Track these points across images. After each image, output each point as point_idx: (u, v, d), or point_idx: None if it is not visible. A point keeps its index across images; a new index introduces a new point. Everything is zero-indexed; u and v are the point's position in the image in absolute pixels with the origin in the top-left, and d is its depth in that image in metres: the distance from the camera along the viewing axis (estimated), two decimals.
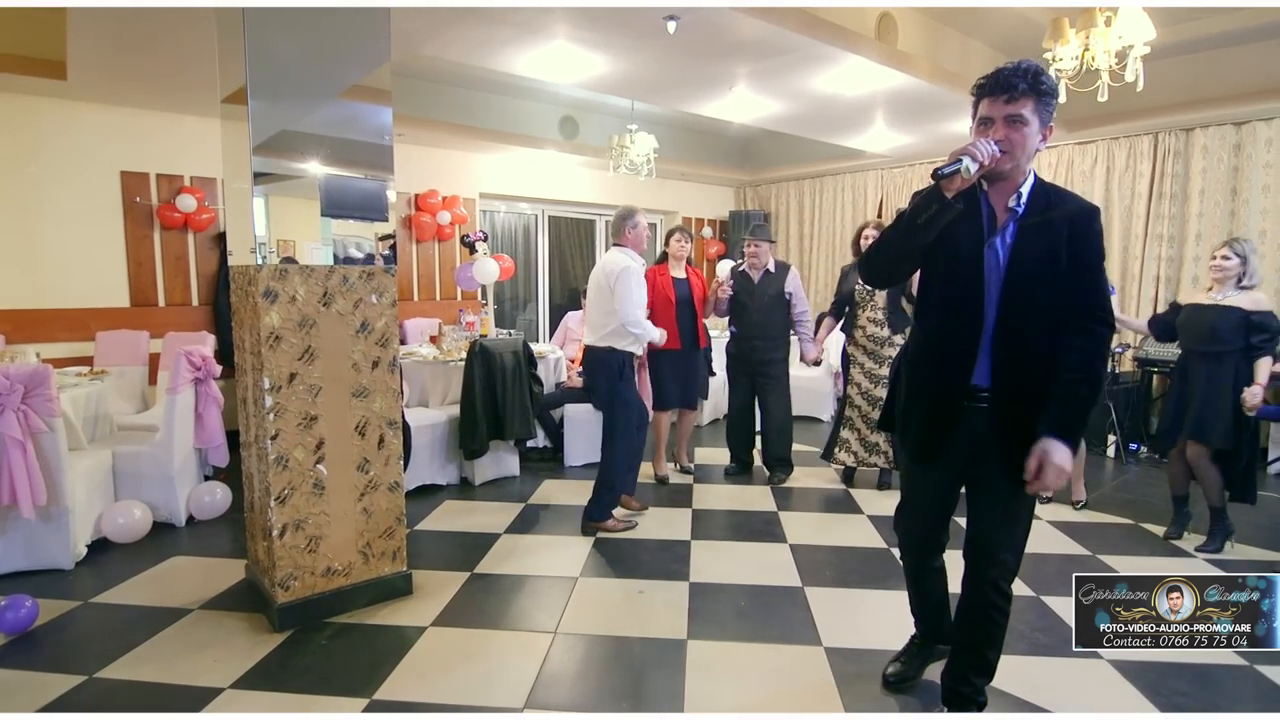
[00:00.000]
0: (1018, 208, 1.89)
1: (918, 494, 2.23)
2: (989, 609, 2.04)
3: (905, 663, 2.45)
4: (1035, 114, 1.82)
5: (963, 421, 1.98)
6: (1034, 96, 1.81)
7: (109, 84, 4.80)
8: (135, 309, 5.42)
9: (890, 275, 2.16)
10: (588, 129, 7.31)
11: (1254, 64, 5.35)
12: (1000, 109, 1.83)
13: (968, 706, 2.12)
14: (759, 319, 4.72)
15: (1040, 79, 1.81)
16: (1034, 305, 1.86)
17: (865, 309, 4.51)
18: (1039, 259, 1.84)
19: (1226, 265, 3.60)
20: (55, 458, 3.20)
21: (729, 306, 4.81)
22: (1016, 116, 1.81)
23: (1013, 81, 1.80)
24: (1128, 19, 3.48)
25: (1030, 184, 1.90)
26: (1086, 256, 1.84)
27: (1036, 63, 1.84)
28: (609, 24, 3.94)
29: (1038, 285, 1.85)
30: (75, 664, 2.52)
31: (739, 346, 4.83)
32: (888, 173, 8.03)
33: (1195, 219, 5.86)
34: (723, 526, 3.99)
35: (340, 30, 2.79)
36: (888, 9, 4.63)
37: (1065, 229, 1.84)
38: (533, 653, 2.62)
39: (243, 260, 2.81)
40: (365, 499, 2.95)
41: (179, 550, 3.58)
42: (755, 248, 4.76)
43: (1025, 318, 1.87)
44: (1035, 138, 1.84)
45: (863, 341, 4.53)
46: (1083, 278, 1.85)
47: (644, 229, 3.94)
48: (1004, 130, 1.83)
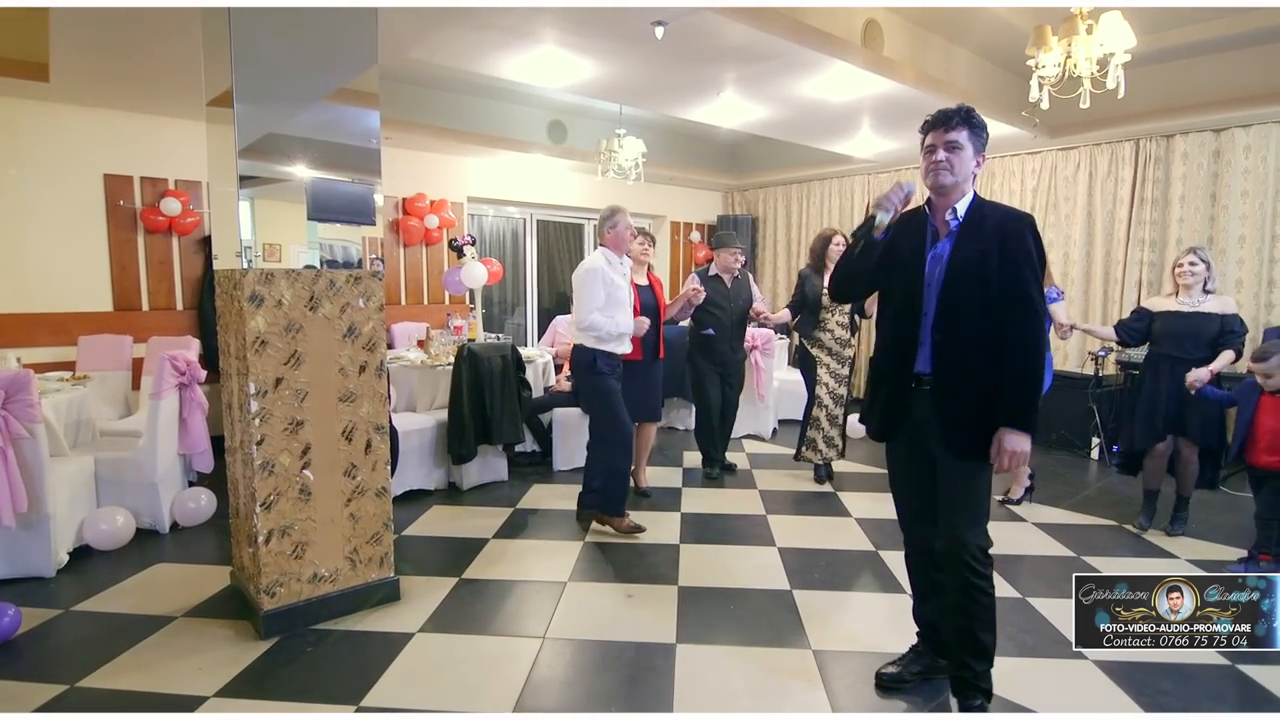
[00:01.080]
0: (954, 221, 2.22)
1: (893, 469, 2.47)
2: (966, 587, 2.18)
3: (902, 666, 2.48)
4: (969, 141, 2.20)
5: (911, 404, 2.27)
6: (967, 127, 2.20)
7: (92, 86, 4.76)
8: (118, 313, 5.36)
9: (848, 293, 2.63)
10: (576, 133, 7.32)
11: (1232, 72, 5.44)
12: (940, 137, 2.21)
13: (972, 693, 2.22)
14: (734, 322, 5.00)
15: (971, 115, 2.21)
16: (968, 298, 2.16)
17: (833, 314, 4.78)
18: (972, 260, 2.16)
19: (1195, 270, 3.83)
20: (36, 464, 3.16)
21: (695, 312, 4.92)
22: (954, 142, 2.19)
23: (949, 116, 2.21)
24: (1109, 27, 3.53)
25: (968, 201, 2.23)
26: (1013, 255, 2.13)
27: (969, 106, 2.24)
28: (597, 29, 3.95)
29: (971, 282, 2.15)
30: (57, 673, 2.49)
31: (716, 349, 4.96)
32: (874, 178, 8.09)
33: (1176, 224, 5.94)
34: (711, 530, 4.00)
35: (327, 33, 2.78)
36: (873, 16, 4.67)
37: (995, 233, 2.15)
38: (521, 658, 2.61)
39: (228, 264, 2.79)
40: (352, 504, 2.93)
41: (162, 557, 3.54)
42: (733, 255, 4.98)
43: (960, 309, 2.17)
44: (970, 161, 2.20)
45: (829, 343, 4.80)
46: (1010, 270, 2.12)
47: (624, 230, 3.92)
48: (944, 153, 2.19)
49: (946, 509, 2.22)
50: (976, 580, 2.16)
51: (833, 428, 4.85)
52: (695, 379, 5.10)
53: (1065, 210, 6.53)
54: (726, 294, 4.96)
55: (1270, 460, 3.35)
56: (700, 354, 5.01)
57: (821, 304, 4.78)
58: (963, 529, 2.17)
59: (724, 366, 5.00)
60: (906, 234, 2.29)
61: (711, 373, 5.00)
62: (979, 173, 2.25)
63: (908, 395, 2.27)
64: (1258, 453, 3.39)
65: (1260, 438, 3.38)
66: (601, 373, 3.79)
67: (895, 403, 2.32)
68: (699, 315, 4.95)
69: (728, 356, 4.99)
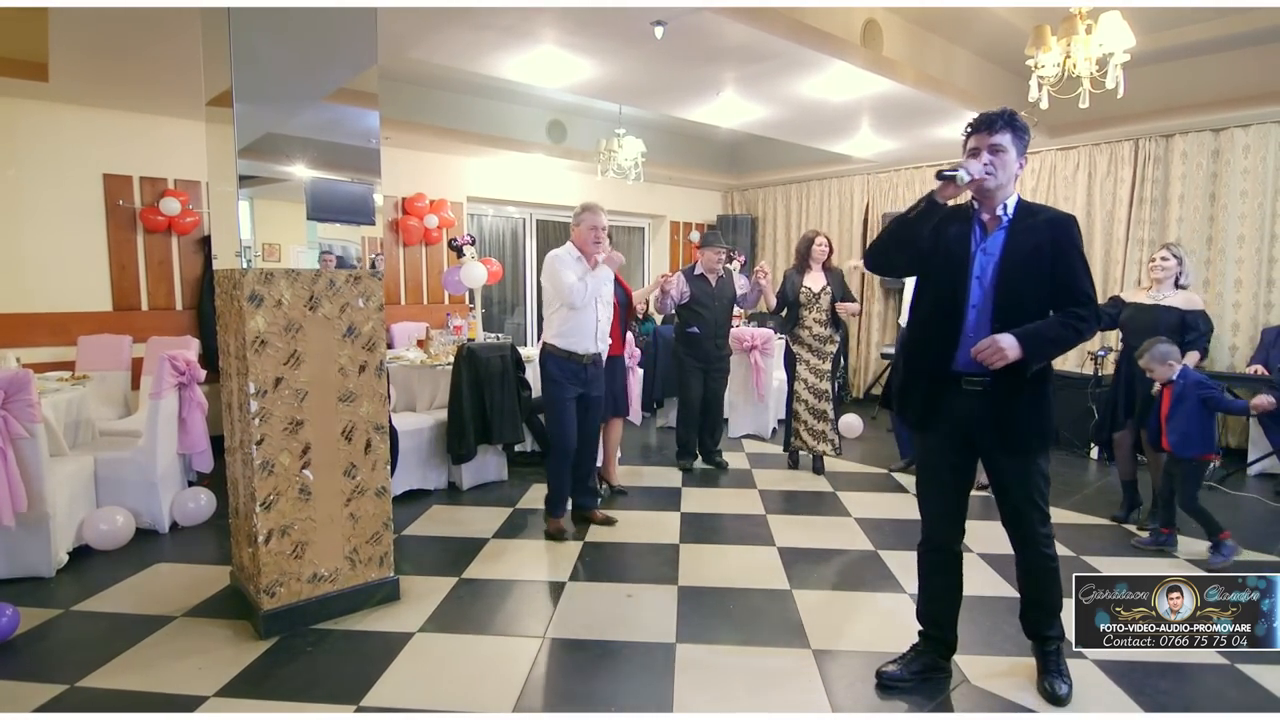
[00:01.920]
0: (1004, 216, 2.27)
1: (926, 461, 2.46)
2: (1038, 563, 2.34)
3: (902, 666, 2.48)
4: (1012, 144, 2.24)
5: (954, 401, 2.29)
6: (1010, 130, 2.24)
7: (91, 86, 4.76)
8: (118, 313, 5.36)
9: (887, 263, 2.50)
10: (576, 133, 7.32)
11: (1231, 72, 5.44)
12: (985, 140, 2.24)
13: (1048, 644, 2.39)
14: (719, 319, 5.09)
15: (1014, 119, 2.25)
16: (1022, 294, 2.22)
17: (811, 310, 4.97)
18: (1028, 255, 2.21)
19: (1166, 265, 3.95)
20: (36, 464, 3.16)
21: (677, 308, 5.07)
22: (997, 145, 2.23)
23: (992, 120, 2.25)
24: (1108, 27, 3.53)
25: (1014, 200, 2.30)
26: (1070, 253, 2.21)
27: (1012, 109, 2.28)
28: (596, 29, 3.95)
29: (1026, 277, 2.22)
30: (56, 673, 2.49)
31: (701, 345, 5.04)
32: (873, 177, 8.09)
33: (1175, 224, 5.94)
34: (711, 530, 4.00)
35: (327, 33, 2.78)
36: (873, 16, 4.67)
37: (1048, 230, 2.23)
38: (521, 658, 2.61)
39: (228, 264, 2.79)
40: (352, 504, 2.93)
41: (162, 557, 3.54)
42: (717, 254, 5.06)
43: (1014, 305, 2.21)
44: (1014, 164, 2.25)
45: (809, 340, 5.00)
46: (1065, 270, 2.21)
47: (587, 227, 3.74)
48: (988, 155, 2.23)
49: (1008, 496, 2.32)
50: (1044, 558, 2.33)
51: (819, 421, 5.02)
52: (679, 373, 5.21)
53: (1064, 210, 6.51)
54: (711, 292, 5.03)
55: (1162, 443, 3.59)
56: (685, 349, 5.10)
57: (801, 303, 4.97)
58: (1028, 510, 2.30)
59: (708, 363, 5.09)
60: (953, 225, 2.30)
61: (695, 368, 5.08)
62: (1020, 174, 2.31)
63: (951, 392, 2.28)
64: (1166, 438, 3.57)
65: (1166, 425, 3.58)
66: (550, 377, 3.74)
67: (935, 398, 2.32)
68: (684, 313, 5.05)
69: (712, 353, 5.08)
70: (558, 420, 3.75)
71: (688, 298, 5.00)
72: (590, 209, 3.78)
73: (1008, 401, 2.23)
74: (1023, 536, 2.33)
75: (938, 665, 2.48)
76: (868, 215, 8.18)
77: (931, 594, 2.48)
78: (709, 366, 5.11)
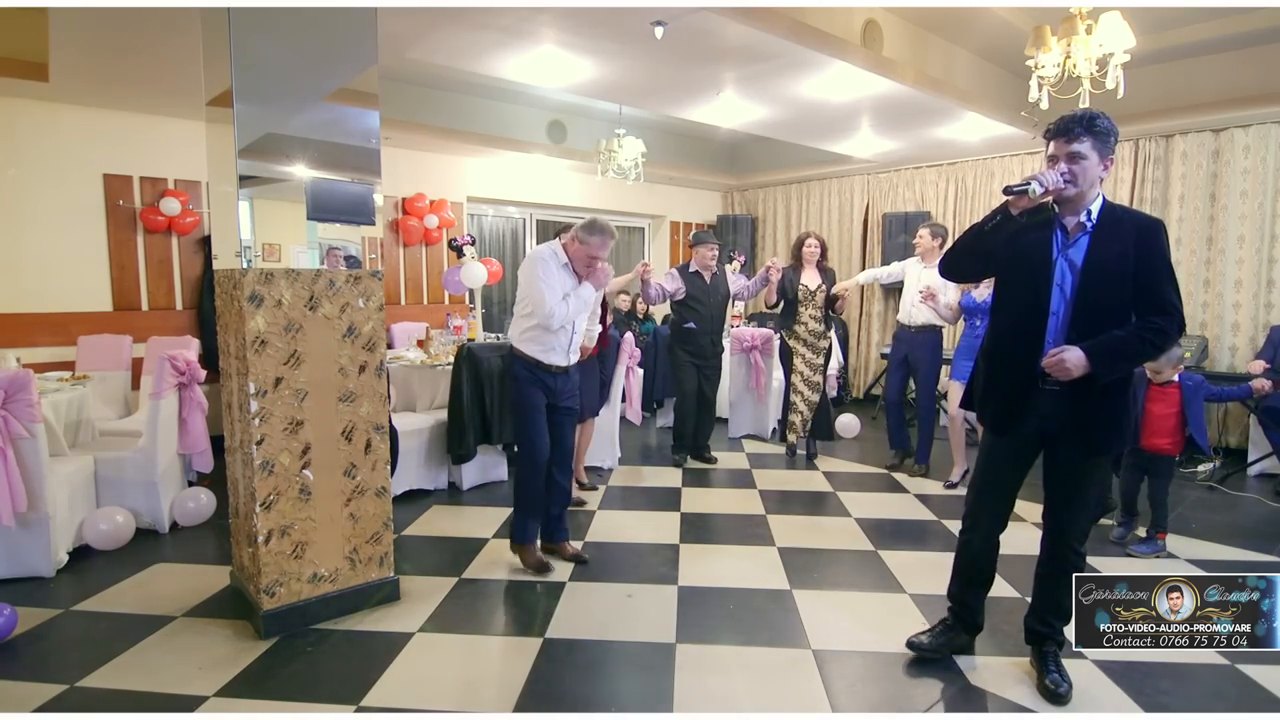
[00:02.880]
0: (1088, 222, 2.24)
1: (990, 460, 2.48)
2: (1066, 565, 2.37)
3: (931, 636, 2.63)
4: (1093, 149, 2.19)
5: (1037, 404, 2.31)
6: (1090, 136, 2.18)
7: (92, 86, 4.76)
8: (118, 313, 5.36)
9: (959, 270, 2.54)
10: (576, 133, 7.32)
11: (1231, 72, 5.45)
12: (1063, 148, 2.21)
13: (1048, 644, 2.43)
14: (715, 314, 5.19)
15: (1094, 122, 2.18)
16: (1106, 301, 2.20)
17: (807, 308, 5.21)
18: (1113, 260, 2.18)
19: None
20: (36, 464, 3.16)
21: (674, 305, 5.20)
22: (1076, 153, 2.18)
23: (1071, 125, 2.20)
24: (1108, 27, 3.53)
25: (1099, 204, 2.25)
26: (1154, 260, 2.17)
27: (1094, 110, 2.22)
28: (596, 29, 3.95)
29: (1111, 283, 2.19)
30: (56, 673, 2.49)
31: (697, 340, 5.15)
32: (874, 177, 8.09)
33: (1175, 224, 5.94)
34: (711, 530, 4.00)
35: (327, 33, 2.78)
36: (873, 16, 4.67)
37: (1134, 235, 2.19)
38: (521, 658, 2.61)
39: (228, 264, 2.79)
40: (352, 504, 2.93)
41: (162, 557, 3.54)
42: (711, 250, 5.18)
43: (1098, 312, 2.20)
44: (1096, 168, 2.20)
45: (804, 335, 5.25)
46: (1150, 278, 2.17)
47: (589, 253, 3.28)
48: (1067, 164, 2.20)
49: (1062, 496, 2.36)
50: (1075, 560, 2.37)
51: (812, 412, 5.35)
52: (673, 368, 5.33)
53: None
54: (706, 289, 5.15)
55: (1160, 443, 3.62)
56: (680, 344, 5.20)
57: (798, 299, 5.18)
58: (1079, 519, 2.37)
59: (702, 359, 5.19)
60: (1035, 228, 2.29)
61: (689, 364, 5.18)
62: (1105, 175, 2.27)
63: (1035, 394, 2.31)
64: (1149, 436, 3.62)
65: (1150, 423, 3.64)
66: (519, 384, 3.34)
67: (1017, 401, 2.34)
68: (681, 309, 5.18)
69: (707, 350, 5.19)
70: (527, 425, 3.32)
71: (683, 294, 5.13)
72: (603, 233, 3.26)
73: (1086, 402, 2.24)
74: (1063, 529, 2.38)
75: (960, 643, 2.62)
76: (868, 215, 8.18)
77: (967, 578, 2.58)
78: (704, 363, 5.20)
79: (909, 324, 4.97)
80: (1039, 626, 2.47)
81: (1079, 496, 2.36)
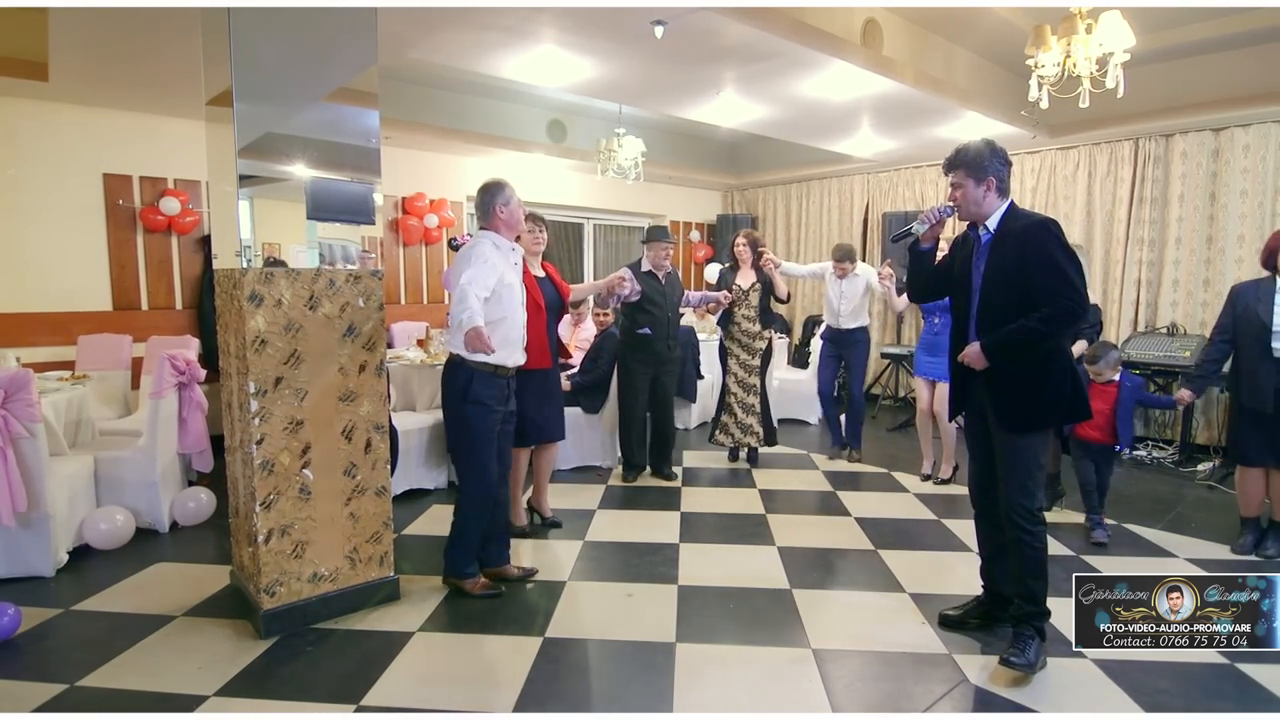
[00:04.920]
0: (985, 235, 2.61)
1: (968, 441, 2.83)
2: (1015, 541, 2.54)
3: (963, 611, 2.85)
4: (967, 177, 2.57)
5: (972, 388, 2.68)
6: (961, 167, 2.58)
7: (91, 86, 4.76)
8: (118, 312, 5.36)
9: (916, 292, 3.01)
10: (576, 132, 7.32)
11: (1231, 71, 5.44)
12: (949, 180, 2.65)
13: (1024, 627, 2.52)
14: (671, 318, 4.86)
15: (959, 155, 2.59)
16: (1001, 302, 2.51)
17: (741, 307, 5.07)
18: (1001, 267, 2.52)
19: None
20: (36, 464, 3.16)
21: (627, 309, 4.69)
22: (954, 184, 2.62)
23: (946, 164, 2.65)
24: (1108, 26, 3.53)
25: (998, 215, 2.58)
26: (1032, 259, 2.44)
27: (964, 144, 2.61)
28: (596, 28, 3.95)
29: (1001, 286, 2.52)
30: (56, 672, 2.49)
31: (652, 346, 4.74)
32: (873, 177, 8.09)
33: (1175, 223, 5.94)
34: (711, 529, 3.99)
35: (327, 33, 2.78)
36: (873, 15, 4.67)
37: (1016, 241, 2.49)
38: (521, 657, 2.61)
39: (228, 263, 2.79)
40: (352, 504, 2.93)
41: (162, 556, 3.54)
42: (665, 250, 4.80)
43: (996, 311, 2.52)
44: (976, 190, 2.57)
45: (738, 336, 5.11)
46: (1032, 275, 2.44)
47: (518, 208, 3.14)
48: (952, 192, 2.64)
49: (1002, 475, 2.58)
50: (1024, 536, 2.51)
51: (748, 415, 5.14)
52: (622, 377, 4.86)
53: (1064, 210, 6.53)
54: (661, 290, 4.77)
55: (1092, 433, 3.86)
56: (633, 352, 4.77)
57: (732, 300, 5.05)
58: (1009, 489, 2.54)
59: (658, 365, 4.80)
60: (962, 248, 2.71)
61: (643, 373, 4.78)
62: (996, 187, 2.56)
63: (970, 382, 2.67)
64: (1084, 426, 3.80)
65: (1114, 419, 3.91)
66: (475, 401, 2.97)
67: (960, 388, 2.75)
68: (635, 314, 4.70)
69: (663, 354, 4.80)
70: (478, 455, 3.01)
71: (639, 295, 4.37)
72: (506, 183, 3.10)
73: (1001, 385, 2.56)
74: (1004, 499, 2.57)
75: (994, 614, 2.79)
76: (868, 215, 8.18)
77: (987, 556, 2.81)
78: (659, 369, 4.83)
79: (840, 327, 5.31)
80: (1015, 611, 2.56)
81: (1007, 468, 2.56)
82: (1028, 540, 2.51)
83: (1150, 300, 6.13)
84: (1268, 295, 3.54)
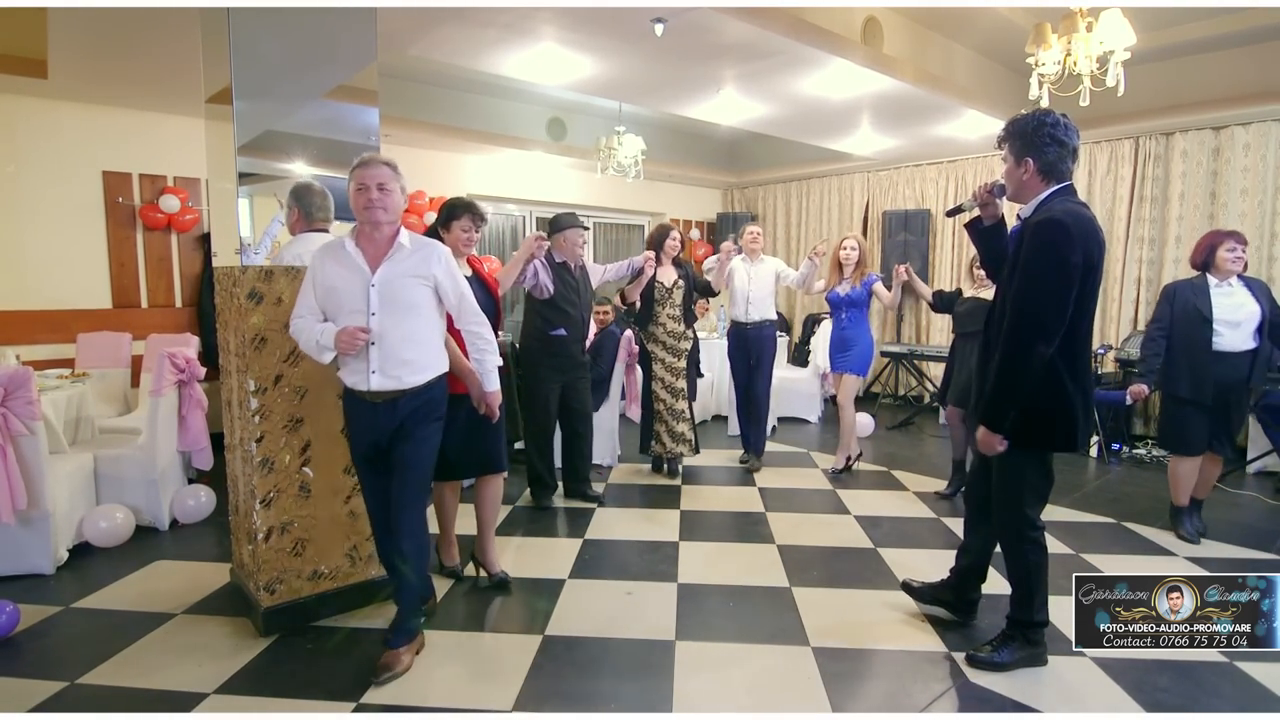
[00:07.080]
0: (1016, 225, 2.47)
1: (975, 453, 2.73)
2: (1006, 549, 2.55)
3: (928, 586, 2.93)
4: (1010, 154, 2.41)
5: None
6: (1006, 140, 2.42)
7: (91, 83, 4.75)
8: (117, 310, 5.36)
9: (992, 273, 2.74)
10: (575, 130, 7.31)
11: (1231, 70, 5.44)
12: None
13: (1014, 628, 2.54)
14: (584, 316, 4.17)
15: (1009, 126, 2.41)
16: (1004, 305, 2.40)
17: (665, 306, 4.76)
18: (1010, 266, 2.40)
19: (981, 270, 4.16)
20: (36, 461, 3.16)
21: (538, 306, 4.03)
22: (1004, 158, 2.46)
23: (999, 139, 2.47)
24: (1109, 24, 3.53)
25: (1035, 202, 2.38)
26: (1025, 256, 2.30)
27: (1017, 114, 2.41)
28: (596, 26, 3.95)
29: (1005, 287, 2.41)
30: (56, 670, 2.49)
31: (566, 349, 4.07)
32: (873, 175, 8.09)
33: (1175, 222, 5.94)
34: (710, 527, 4.00)
35: (326, 30, 2.78)
36: (873, 13, 4.66)
37: (1019, 240, 2.37)
38: (521, 655, 2.61)
39: (227, 261, 2.79)
40: (352, 501, 2.93)
41: (162, 554, 3.54)
42: (581, 236, 4.12)
43: (1000, 313, 2.41)
44: (1016, 171, 2.40)
45: (662, 338, 4.78)
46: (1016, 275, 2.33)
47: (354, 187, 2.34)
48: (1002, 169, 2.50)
49: (995, 488, 2.54)
50: (1008, 542, 2.53)
51: (678, 421, 4.81)
52: (528, 384, 4.16)
53: None
54: (576, 285, 4.08)
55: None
56: (545, 356, 4.06)
57: (654, 298, 4.73)
58: (997, 504, 2.53)
59: (571, 371, 4.13)
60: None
61: (553, 380, 4.09)
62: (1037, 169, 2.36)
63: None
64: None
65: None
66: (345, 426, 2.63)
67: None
68: (546, 312, 4.01)
69: (578, 357, 4.16)
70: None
71: (550, 291, 3.95)
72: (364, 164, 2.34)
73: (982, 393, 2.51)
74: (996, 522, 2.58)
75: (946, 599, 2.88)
76: (868, 213, 8.17)
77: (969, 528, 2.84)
78: (573, 375, 4.16)
79: (745, 320, 5.05)
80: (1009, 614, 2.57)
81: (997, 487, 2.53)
82: (1013, 547, 2.51)
83: (1150, 299, 6.12)
84: (1203, 293, 3.75)
